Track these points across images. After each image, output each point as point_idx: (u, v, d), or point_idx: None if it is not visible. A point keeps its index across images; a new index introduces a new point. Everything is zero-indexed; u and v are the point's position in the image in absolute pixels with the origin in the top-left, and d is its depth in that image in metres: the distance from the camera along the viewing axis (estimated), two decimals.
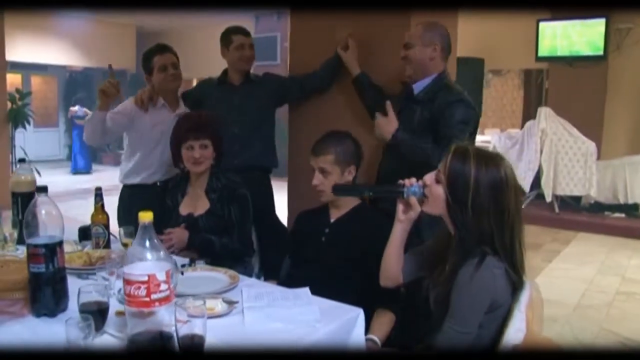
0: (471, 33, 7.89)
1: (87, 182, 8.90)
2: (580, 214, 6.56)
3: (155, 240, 1.23)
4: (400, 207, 1.64)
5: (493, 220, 1.45)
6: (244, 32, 3.03)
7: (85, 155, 10.90)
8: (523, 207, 6.71)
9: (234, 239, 2.39)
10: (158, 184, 2.83)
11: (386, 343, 1.89)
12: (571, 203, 6.75)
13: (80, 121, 10.66)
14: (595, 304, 3.96)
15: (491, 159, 1.49)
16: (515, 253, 1.48)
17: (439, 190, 1.51)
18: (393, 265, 1.72)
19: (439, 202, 1.52)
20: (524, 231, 1.51)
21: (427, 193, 1.55)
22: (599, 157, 6.63)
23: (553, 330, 3.45)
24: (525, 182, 6.69)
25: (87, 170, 10.80)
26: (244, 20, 10.81)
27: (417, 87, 2.39)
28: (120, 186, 2.97)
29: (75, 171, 10.66)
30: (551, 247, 5.53)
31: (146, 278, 1.18)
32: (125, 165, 2.96)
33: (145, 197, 2.77)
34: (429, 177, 1.55)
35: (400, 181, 1.62)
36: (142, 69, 2.95)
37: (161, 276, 1.20)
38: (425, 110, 2.32)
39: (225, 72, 3.09)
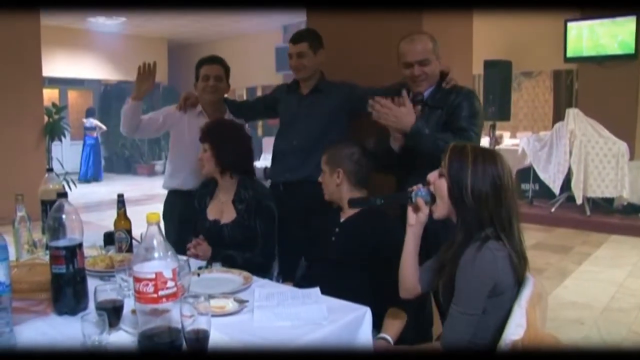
0: (498, 35, 7.88)
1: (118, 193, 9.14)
2: (613, 216, 6.43)
3: (163, 240, 1.30)
4: (410, 211, 1.73)
5: (491, 203, 1.55)
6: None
7: (95, 165, 11.47)
8: (553, 210, 6.65)
9: (256, 252, 2.42)
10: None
11: (398, 341, 1.92)
12: (604, 205, 6.62)
13: (90, 132, 11.38)
14: (624, 307, 3.89)
15: (488, 153, 1.61)
16: (514, 232, 1.57)
17: (443, 183, 1.61)
18: (410, 274, 1.77)
19: (444, 195, 1.62)
20: (521, 223, 1.61)
21: (432, 190, 1.65)
22: (632, 158, 6.51)
23: (580, 332, 3.41)
24: (555, 185, 6.61)
25: (96, 179, 11.38)
26: (272, 31, 11.03)
27: (426, 95, 2.40)
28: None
29: (85, 180, 11.14)
30: (581, 250, 5.44)
31: (153, 275, 1.26)
32: (166, 170, 3.12)
33: (183, 203, 2.86)
34: (432, 175, 1.66)
35: (409, 188, 1.72)
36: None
37: (168, 274, 1.27)
38: (437, 113, 2.34)
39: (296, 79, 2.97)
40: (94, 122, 11.44)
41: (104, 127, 11.48)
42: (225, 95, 3.18)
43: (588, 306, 3.88)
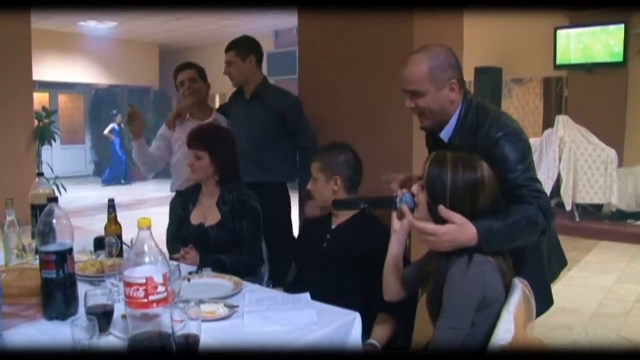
0: (489, 43, 7.93)
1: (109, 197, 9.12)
2: (602, 223, 6.48)
3: (154, 245, 1.30)
4: (394, 217, 1.73)
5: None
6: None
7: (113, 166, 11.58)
8: None
9: (244, 253, 2.41)
10: None
11: (387, 347, 1.93)
12: (593, 212, 6.67)
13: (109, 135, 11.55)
14: (613, 312, 3.92)
15: (468, 162, 1.58)
16: None
17: (424, 196, 1.62)
18: (393, 279, 1.77)
19: (424, 207, 1.62)
20: None
21: (416, 201, 1.64)
22: (620, 165, 6.56)
23: (569, 338, 3.43)
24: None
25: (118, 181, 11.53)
26: (263, 36, 11.04)
27: (446, 135, 1.86)
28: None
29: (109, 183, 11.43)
30: (571, 256, 5.39)
31: (144, 281, 1.26)
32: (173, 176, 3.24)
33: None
34: (416, 187, 1.66)
35: (394, 194, 1.72)
36: None
37: (159, 279, 1.27)
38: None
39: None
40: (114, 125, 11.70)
41: (106, 130, 11.66)
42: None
43: (577, 312, 3.90)
